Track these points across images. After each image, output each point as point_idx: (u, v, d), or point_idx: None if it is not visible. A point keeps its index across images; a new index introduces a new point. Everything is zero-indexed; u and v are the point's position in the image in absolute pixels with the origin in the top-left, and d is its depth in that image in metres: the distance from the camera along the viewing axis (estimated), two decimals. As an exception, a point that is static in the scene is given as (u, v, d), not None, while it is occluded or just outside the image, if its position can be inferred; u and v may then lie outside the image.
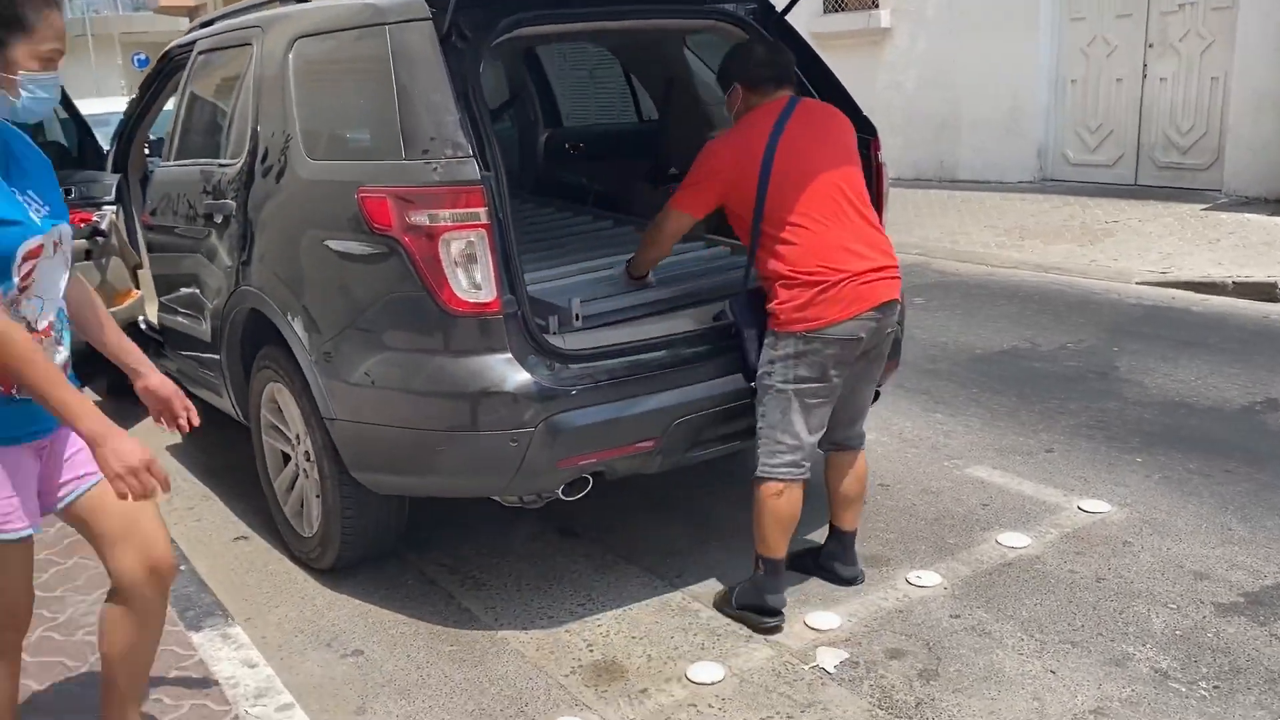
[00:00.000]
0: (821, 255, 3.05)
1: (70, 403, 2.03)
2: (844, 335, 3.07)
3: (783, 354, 3.10)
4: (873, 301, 3.08)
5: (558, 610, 3.39)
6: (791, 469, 3.16)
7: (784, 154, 3.12)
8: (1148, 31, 9.50)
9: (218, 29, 4.39)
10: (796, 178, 3.10)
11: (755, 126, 3.19)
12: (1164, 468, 4.23)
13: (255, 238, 3.67)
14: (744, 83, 3.29)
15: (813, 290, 3.03)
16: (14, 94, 2.04)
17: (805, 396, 3.11)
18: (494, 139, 3.11)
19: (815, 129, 3.21)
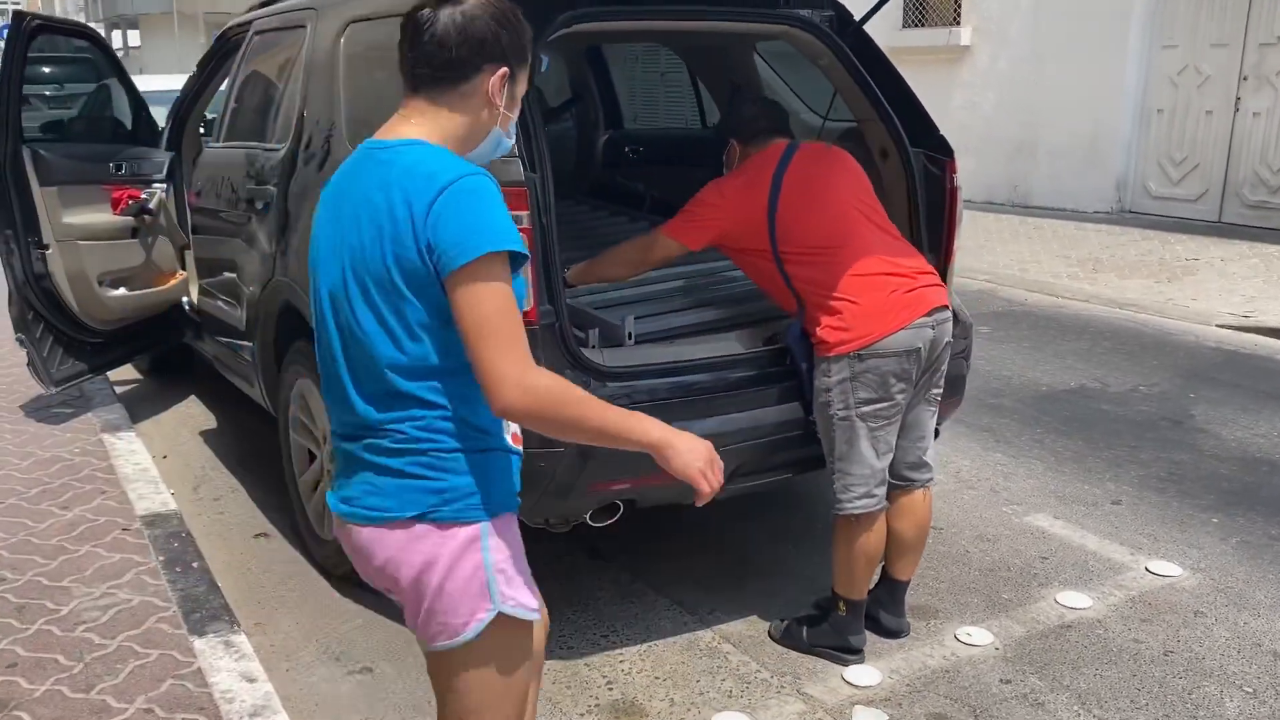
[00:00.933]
0: (855, 271, 2.95)
1: (628, 418, 1.70)
2: (901, 347, 2.90)
3: (838, 379, 2.93)
4: (922, 308, 2.94)
5: (579, 640, 3.20)
6: (867, 500, 2.98)
7: (791, 183, 3.06)
8: (1243, 63, 9.09)
9: (274, 9, 4.28)
10: (808, 202, 3.04)
11: (759, 165, 3.14)
12: (1242, 531, 3.92)
13: (294, 227, 3.54)
14: (738, 138, 3.26)
15: (858, 306, 2.91)
16: (508, 133, 1.79)
17: (870, 420, 2.94)
18: (543, 138, 2.93)
19: (820, 162, 3.16)
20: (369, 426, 1.67)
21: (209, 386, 5.51)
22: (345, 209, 1.65)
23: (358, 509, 1.70)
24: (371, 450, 1.68)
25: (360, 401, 1.67)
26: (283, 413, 3.76)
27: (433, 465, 1.65)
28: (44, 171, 4.51)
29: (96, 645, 2.96)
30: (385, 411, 1.66)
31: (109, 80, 5.38)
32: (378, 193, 1.60)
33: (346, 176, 1.70)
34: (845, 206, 3.07)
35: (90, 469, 4.26)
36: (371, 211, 1.60)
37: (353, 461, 1.72)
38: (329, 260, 1.67)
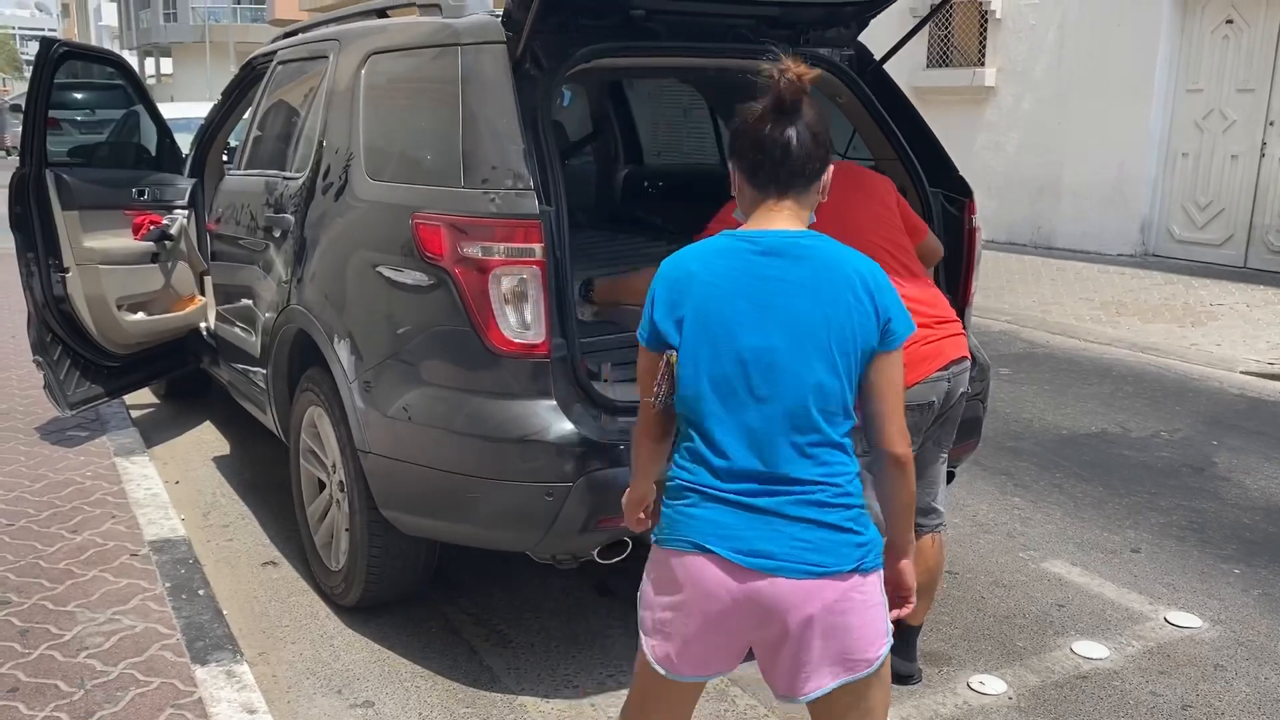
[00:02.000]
0: None
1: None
2: (915, 401, 2.79)
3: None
4: (939, 361, 2.86)
5: (584, 679, 3.15)
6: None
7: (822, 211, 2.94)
8: (1270, 108, 9.04)
9: (298, 40, 4.32)
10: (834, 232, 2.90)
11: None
12: (1265, 583, 3.84)
13: (309, 256, 3.55)
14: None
15: None
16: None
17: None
18: (559, 172, 2.93)
19: (851, 186, 3.00)
20: (795, 481, 1.82)
21: (224, 412, 5.52)
22: (769, 287, 1.84)
23: (788, 564, 1.80)
24: (801, 505, 1.82)
25: (782, 457, 1.82)
26: (293, 440, 3.76)
27: (856, 519, 1.84)
28: (66, 195, 4.56)
29: (98, 672, 2.94)
30: (817, 467, 1.84)
31: (136, 107, 5.44)
32: (823, 274, 1.85)
33: (719, 254, 1.89)
34: (871, 242, 2.96)
35: (101, 493, 4.25)
36: (825, 287, 1.84)
37: (766, 515, 1.82)
38: (751, 329, 1.83)
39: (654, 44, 3.31)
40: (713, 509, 1.84)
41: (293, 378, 3.78)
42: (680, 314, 1.87)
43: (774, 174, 1.88)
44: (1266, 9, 9.02)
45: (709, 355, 1.85)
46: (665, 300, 1.90)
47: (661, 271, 1.93)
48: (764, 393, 1.82)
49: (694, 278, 1.88)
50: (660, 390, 1.91)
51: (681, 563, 1.86)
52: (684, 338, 1.87)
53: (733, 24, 3.43)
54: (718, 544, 1.82)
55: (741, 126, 1.90)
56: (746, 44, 3.49)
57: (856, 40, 3.68)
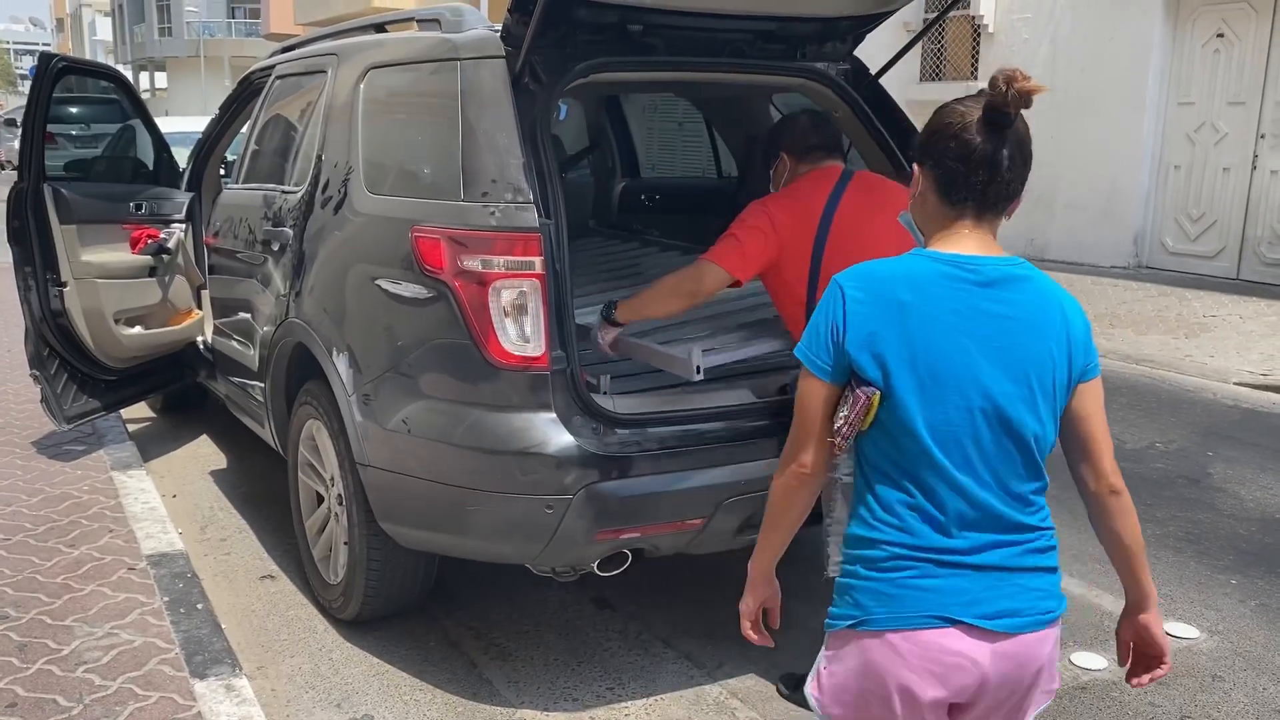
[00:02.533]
0: None
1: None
2: None
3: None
4: None
5: (584, 693, 3.15)
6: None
7: (842, 222, 2.92)
8: (1261, 121, 9.10)
9: (296, 55, 4.34)
10: (854, 248, 2.81)
11: (811, 191, 3.02)
12: (1262, 594, 3.85)
13: (308, 269, 3.56)
14: (791, 152, 3.14)
15: None
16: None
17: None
18: (558, 186, 2.94)
19: (874, 200, 3.00)
20: (1021, 529, 1.70)
21: (221, 426, 5.52)
22: (994, 325, 1.66)
23: (1030, 617, 1.68)
24: (1029, 554, 1.71)
25: (1008, 507, 1.69)
26: (292, 454, 3.76)
27: (1055, 558, 1.77)
28: (64, 209, 4.56)
29: (97, 686, 2.93)
30: (1035, 512, 1.72)
31: (133, 121, 5.45)
32: (1041, 308, 1.70)
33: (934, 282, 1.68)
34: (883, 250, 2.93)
35: (99, 507, 4.25)
36: (1045, 323, 1.69)
37: (1000, 572, 1.68)
38: (979, 373, 1.65)
39: (651, 58, 3.33)
40: (948, 575, 1.66)
41: (291, 391, 3.79)
42: (886, 349, 1.65)
43: (980, 193, 1.70)
44: (1257, 23, 9.09)
45: (929, 399, 1.64)
46: (862, 329, 1.66)
47: (851, 294, 1.69)
48: (991, 442, 1.66)
49: (908, 310, 1.65)
50: (846, 429, 1.69)
51: (916, 641, 1.65)
52: (894, 376, 1.64)
53: (729, 39, 3.45)
54: (963, 612, 1.64)
55: (945, 130, 1.72)
56: (743, 59, 3.52)
57: (852, 55, 3.71)
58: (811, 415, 1.72)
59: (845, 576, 1.76)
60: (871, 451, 1.71)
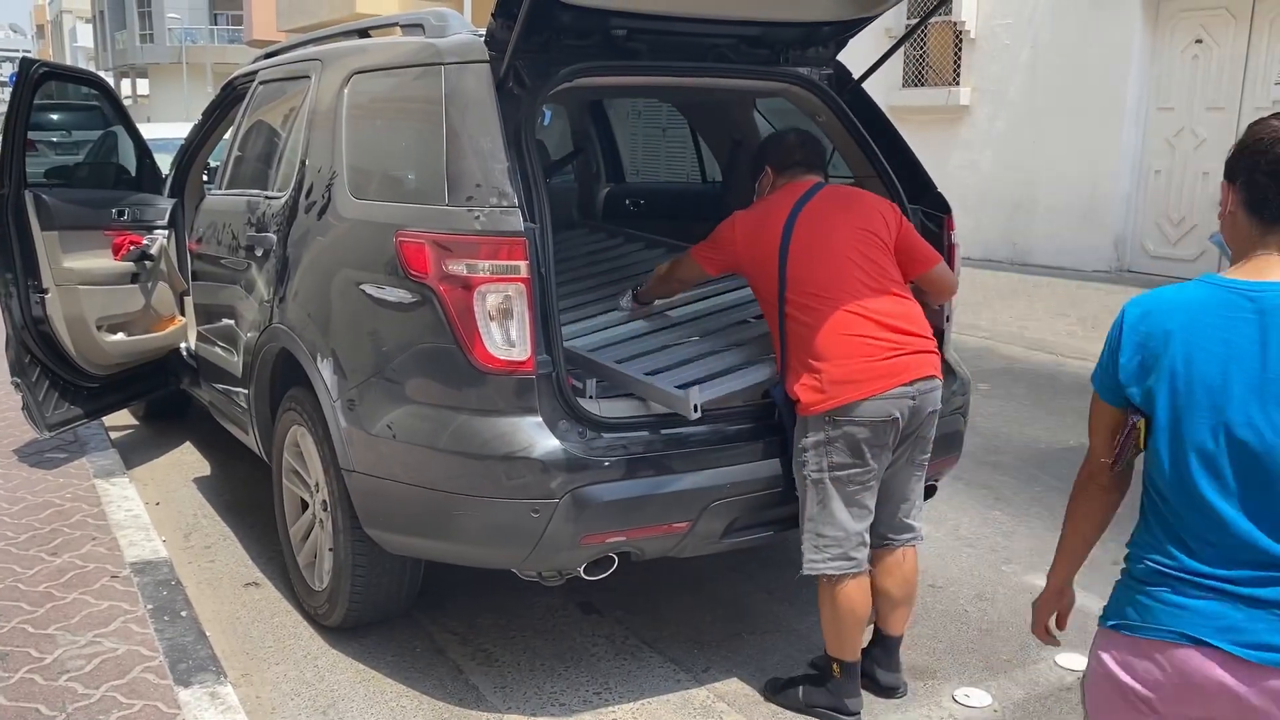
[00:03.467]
0: (842, 329, 2.90)
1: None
2: (875, 415, 2.86)
3: (813, 440, 2.91)
4: (903, 378, 2.89)
5: (570, 697, 3.15)
6: (841, 562, 2.94)
7: (804, 226, 3.02)
8: (1239, 126, 9.16)
9: (279, 60, 4.33)
10: (816, 250, 2.99)
11: (779, 200, 3.13)
12: (1243, 594, 3.88)
13: (292, 275, 3.54)
14: (774, 165, 3.24)
15: (834, 368, 2.87)
16: None
17: (844, 484, 2.92)
18: (543, 190, 2.94)
19: (839, 204, 3.09)
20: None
21: (204, 433, 5.49)
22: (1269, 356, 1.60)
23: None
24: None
25: (1274, 541, 1.62)
26: (276, 460, 3.74)
27: None
28: (45, 216, 4.53)
29: (80, 695, 2.91)
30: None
31: (115, 127, 5.43)
32: None
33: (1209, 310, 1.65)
34: (844, 255, 2.99)
35: (81, 515, 4.22)
36: None
37: (1267, 606, 1.63)
38: (1247, 408, 1.61)
39: (636, 63, 3.34)
40: (1205, 600, 1.65)
41: (275, 397, 3.77)
42: (1153, 378, 1.67)
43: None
44: (1235, 29, 9.17)
45: (1196, 431, 1.64)
46: (1133, 357, 1.70)
47: (1128, 319, 1.71)
48: (1260, 478, 1.61)
49: (1174, 339, 1.65)
50: (1120, 453, 1.76)
51: (1166, 657, 1.67)
52: (1158, 405, 1.67)
53: (714, 44, 3.47)
54: (1218, 638, 1.63)
55: (1256, 145, 1.67)
56: (727, 64, 3.53)
57: (835, 60, 3.72)
58: (1094, 433, 1.83)
59: (1120, 579, 1.83)
60: (1148, 472, 1.74)
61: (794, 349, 2.97)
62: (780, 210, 3.08)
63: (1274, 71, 8.92)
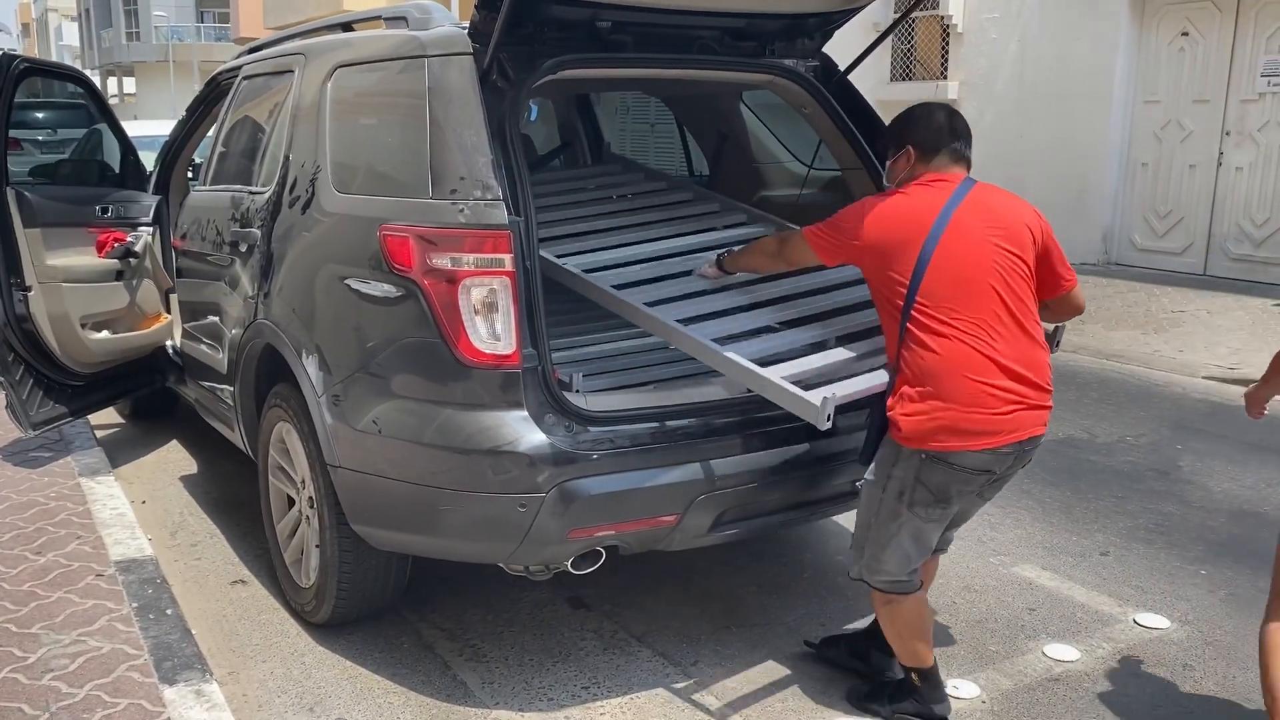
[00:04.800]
0: (966, 370, 2.63)
1: None
2: (975, 467, 2.70)
3: (900, 472, 2.74)
4: (1015, 435, 2.69)
5: (559, 692, 3.14)
6: (894, 584, 2.84)
7: (954, 233, 2.68)
8: (1225, 119, 9.20)
9: (263, 55, 4.30)
10: (959, 264, 2.66)
11: (926, 196, 2.76)
12: (1230, 584, 3.89)
13: (276, 270, 3.52)
14: (919, 147, 2.84)
15: (947, 411, 2.63)
16: None
17: (919, 520, 2.77)
18: (528, 183, 2.93)
19: (990, 213, 2.75)
20: None
21: (191, 430, 5.46)
22: None
23: None
24: None
25: None
26: (262, 457, 3.72)
27: None
28: (28, 213, 4.50)
29: (64, 694, 2.89)
30: None
31: (99, 125, 5.39)
32: None
33: None
34: (985, 280, 2.68)
35: (66, 513, 4.19)
36: None
37: None
38: None
39: (621, 55, 3.33)
40: None
41: (260, 394, 3.75)
42: None
43: None
44: (1220, 22, 9.20)
45: None
46: None
47: None
48: None
49: None
50: None
51: None
52: None
53: (699, 36, 3.46)
54: None
55: None
56: (712, 56, 3.52)
57: (821, 51, 3.72)
58: None
59: None
60: None
61: (908, 368, 2.70)
62: (927, 208, 2.72)
63: (1259, 63, 8.94)
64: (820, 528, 4.29)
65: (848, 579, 3.01)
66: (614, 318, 3.88)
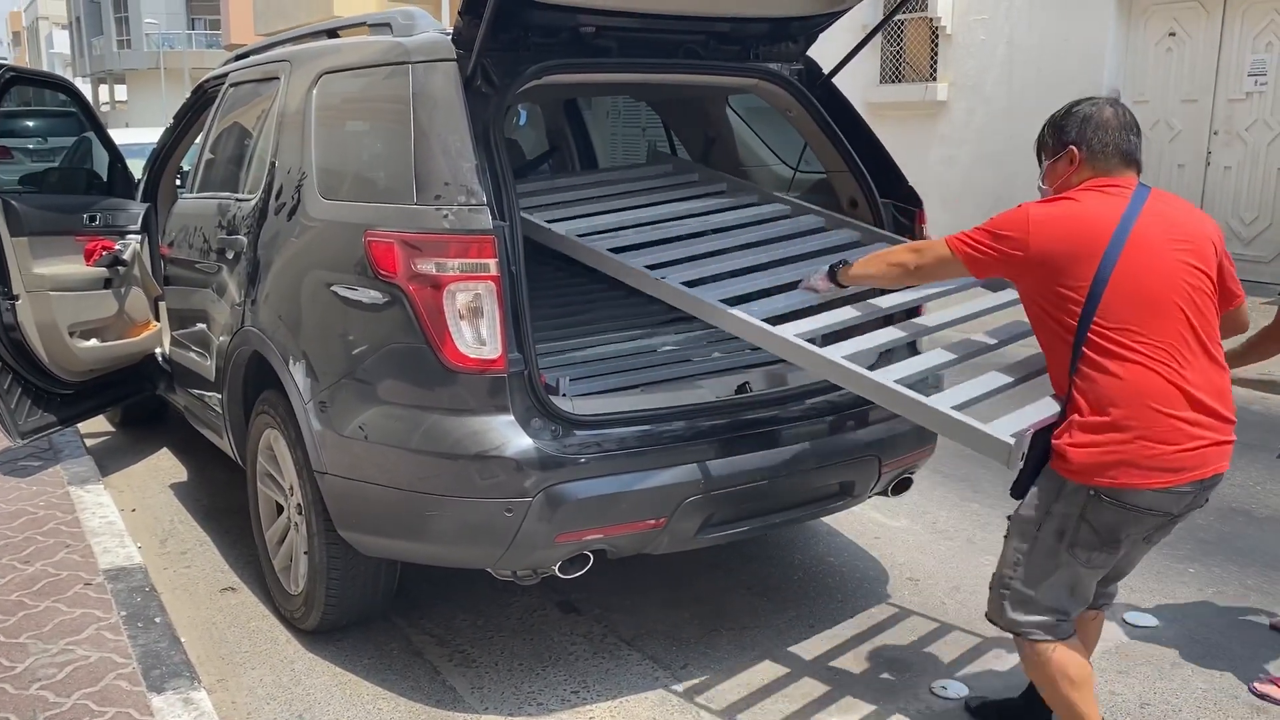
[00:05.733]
0: (1149, 399, 2.35)
1: None
2: (1149, 506, 2.40)
3: (1063, 510, 2.46)
4: (1200, 472, 2.40)
5: (548, 697, 3.14)
6: (1041, 631, 2.56)
7: (1137, 245, 2.39)
8: (1213, 118, 9.24)
9: (249, 62, 4.31)
10: (1141, 287, 2.38)
11: (1100, 203, 2.45)
12: (1219, 581, 3.90)
13: (263, 277, 3.52)
14: (1085, 147, 2.54)
15: (1127, 444, 2.35)
16: None
17: (1079, 564, 2.50)
18: (513, 188, 2.93)
19: (1171, 224, 2.46)
20: None
21: (181, 438, 5.45)
22: None
23: None
24: None
25: None
26: (250, 464, 3.72)
27: None
28: (14, 221, 4.49)
29: (51, 703, 2.88)
30: None
31: (88, 133, 5.39)
32: None
33: None
34: (1171, 299, 2.39)
35: (55, 522, 4.18)
36: None
37: None
38: None
39: (605, 60, 3.34)
40: None
41: (248, 401, 3.75)
42: None
43: None
44: (1207, 21, 9.24)
45: None
46: None
47: None
48: None
49: None
50: None
51: None
52: None
53: (683, 40, 3.46)
54: None
55: None
56: (697, 60, 3.53)
57: (805, 55, 3.73)
58: None
59: None
60: None
61: (1082, 395, 2.41)
62: (1103, 217, 2.42)
63: (1246, 63, 8.98)
64: (810, 529, 4.30)
65: (839, 581, 3.02)
66: (603, 320, 3.90)
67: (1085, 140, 2.54)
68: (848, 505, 3.52)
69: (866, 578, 3.92)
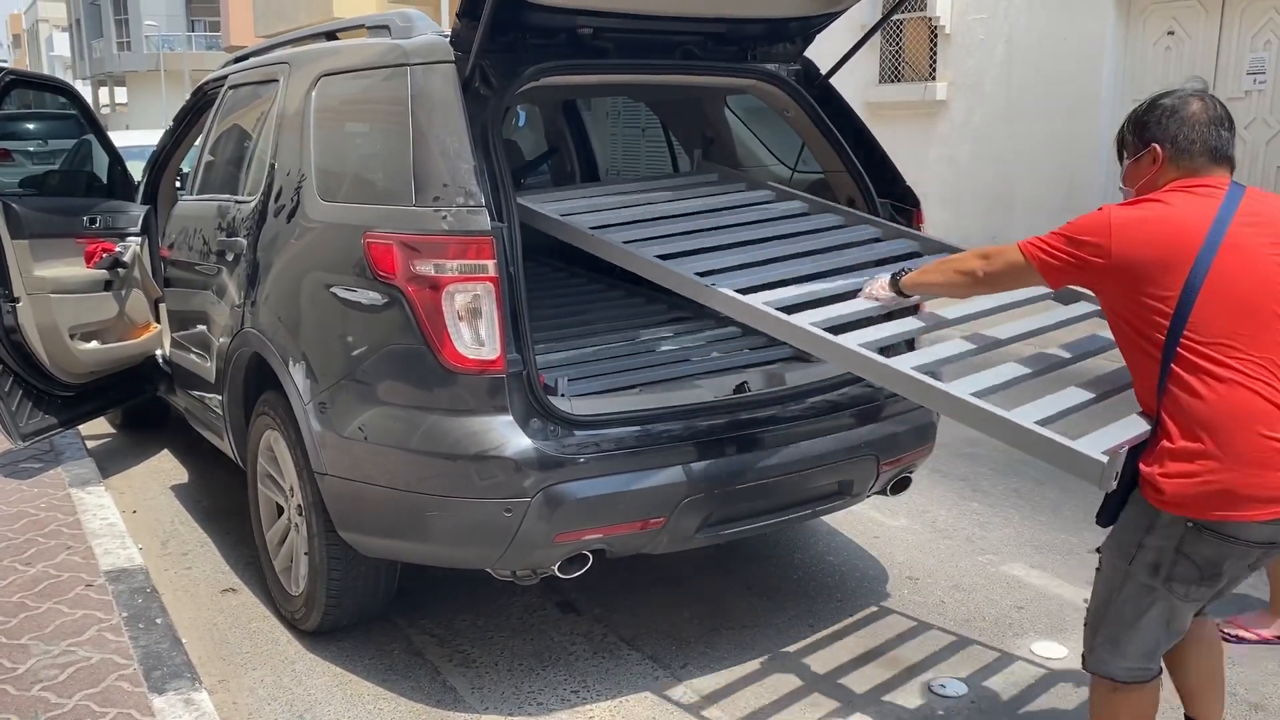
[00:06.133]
0: (1253, 422, 2.12)
1: None
2: (1256, 539, 2.18)
3: (1157, 544, 2.24)
4: None
5: (548, 696, 3.15)
6: (1131, 673, 2.40)
7: (1232, 250, 2.17)
8: (1212, 116, 9.24)
9: (248, 64, 4.32)
10: (1238, 297, 2.16)
11: (1189, 204, 2.23)
12: (1218, 579, 3.90)
13: (262, 279, 3.53)
14: (1169, 145, 2.31)
15: (1227, 472, 2.12)
16: None
17: (1176, 599, 2.28)
18: (511, 189, 2.94)
19: (1276, 232, 2.24)
20: None
21: (182, 440, 5.46)
22: None
23: None
24: None
25: None
26: (251, 465, 3.73)
27: None
28: (15, 224, 4.50)
29: (53, 705, 2.89)
30: None
31: (88, 135, 5.40)
32: None
33: None
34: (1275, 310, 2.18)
35: (56, 524, 4.19)
36: None
37: None
38: None
39: (603, 61, 3.35)
40: None
41: (248, 402, 3.76)
42: None
43: None
44: (1206, 20, 9.24)
45: None
46: None
47: None
48: None
49: None
50: None
51: None
52: None
53: (680, 41, 3.47)
54: None
55: None
56: (694, 61, 3.54)
57: (802, 55, 3.74)
58: None
59: None
60: None
61: (1172, 418, 2.20)
62: (1194, 221, 2.19)
63: (1245, 61, 8.99)
64: (809, 529, 4.31)
65: (838, 581, 3.02)
66: (601, 320, 3.90)
67: (1170, 137, 2.30)
68: (847, 504, 3.53)
69: (866, 577, 3.93)
